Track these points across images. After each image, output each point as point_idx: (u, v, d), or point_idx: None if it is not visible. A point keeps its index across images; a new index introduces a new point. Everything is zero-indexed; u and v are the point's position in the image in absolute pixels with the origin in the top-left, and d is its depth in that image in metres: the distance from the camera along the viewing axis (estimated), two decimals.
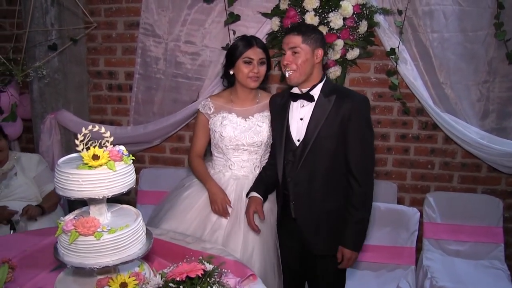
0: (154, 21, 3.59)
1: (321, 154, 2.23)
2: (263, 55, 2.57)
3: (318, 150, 2.23)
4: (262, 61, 2.57)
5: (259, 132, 2.58)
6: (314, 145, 2.22)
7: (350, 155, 2.20)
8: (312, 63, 2.23)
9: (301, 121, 2.28)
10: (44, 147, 3.72)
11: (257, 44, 2.57)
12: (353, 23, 3.17)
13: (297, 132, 2.30)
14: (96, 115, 3.95)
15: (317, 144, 2.22)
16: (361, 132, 2.19)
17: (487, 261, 3.24)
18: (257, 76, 2.55)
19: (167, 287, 1.47)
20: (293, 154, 2.30)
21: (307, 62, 2.21)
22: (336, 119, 2.18)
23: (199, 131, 2.70)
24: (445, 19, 3.19)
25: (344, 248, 2.27)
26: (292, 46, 2.22)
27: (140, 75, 3.70)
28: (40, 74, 3.36)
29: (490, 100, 3.30)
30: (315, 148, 2.23)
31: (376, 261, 3.17)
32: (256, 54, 2.55)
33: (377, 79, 3.45)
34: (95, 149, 1.59)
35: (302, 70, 2.22)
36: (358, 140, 2.19)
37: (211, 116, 2.64)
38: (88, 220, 1.58)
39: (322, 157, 2.23)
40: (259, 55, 2.55)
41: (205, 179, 2.61)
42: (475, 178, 3.50)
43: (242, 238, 2.47)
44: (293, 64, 2.21)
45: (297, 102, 2.31)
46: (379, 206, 3.21)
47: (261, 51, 2.57)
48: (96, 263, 1.58)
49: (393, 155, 3.56)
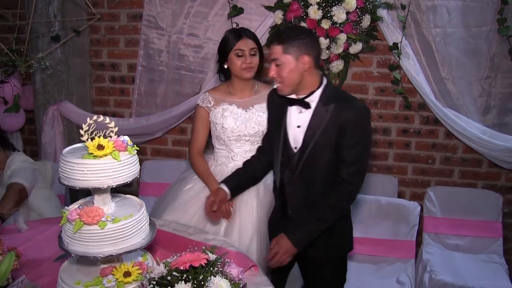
0: (157, 13, 3.59)
1: (318, 163, 2.12)
2: (254, 45, 2.57)
3: (315, 159, 2.13)
4: (254, 51, 2.56)
5: (260, 122, 2.58)
6: (311, 154, 2.12)
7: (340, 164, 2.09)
8: (299, 71, 2.04)
9: (298, 128, 2.16)
10: (47, 138, 3.73)
11: (246, 35, 2.56)
12: (356, 17, 3.17)
13: (294, 140, 2.19)
14: (99, 106, 3.96)
15: (314, 153, 2.12)
16: (353, 142, 2.04)
17: (486, 255, 3.26)
18: (251, 67, 2.55)
19: (171, 275, 1.49)
20: (290, 161, 2.21)
21: (292, 72, 2.04)
22: (334, 128, 2.05)
23: (199, 125, 2.69)
24: (448, 14, 3.19)
25: (287, 239, 2.13)
26: (273, 58, 2.06)
27: (143, 67, 3.71)
28: (43, 65, 3.37)
29: (492, 96, 3.31)
30: (312, 157, 2.13)
31: (376, 254, 3.19)
32: (247, 45, 2.54)
33: (379, 74, 3.46)
34: (100, 139, 1.61)
35: (288, 82, 2.06)
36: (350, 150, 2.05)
37: (211, 109, 2.64)
38: (92, 210, 1.59)
39: (319, 166, 2.13)
40: (250, 45, 2.55)
41: (208, 179, 2.58)
42: (475, 173, 3.51)
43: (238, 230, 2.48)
44: (278, 77, 2.07)
45: (294, 107, 2.16)
46: (379, 200, 3.22)
47: (251, 41, 2.56)
48: (100, 252, 1.59)
49: (394, 150, 3.57)
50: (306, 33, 2.09)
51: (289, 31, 2.18)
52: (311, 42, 2.06)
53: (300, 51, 2.02)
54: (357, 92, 3.49)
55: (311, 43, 2.06)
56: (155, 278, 1.51)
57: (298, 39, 2.02)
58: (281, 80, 2.06)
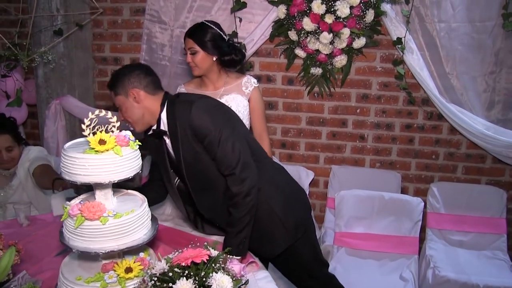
0: (160, 7, 3.57)
1: (199, 175, 2.14)
2: (193, 44, 2.59)
3: (195, 174, 2.15)
4: (192, 51, 2.59)
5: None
6: (189, 174, 2.15)
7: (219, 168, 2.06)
8: (135, 106, 2.08)
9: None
10: (49, 132, 3.72)
11: (188, 35, 2.62)
12: (360, 12, 3.15)
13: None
14: (101, 101, 3.95)
15: (190, 171, 2.14)
16: (209, 140, 2.01)
17: (490, 252, 3.25)
18: (191, 66, 2.62)
19: (173, 272, 1.48)
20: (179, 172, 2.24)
21: (129, 109, 2.09)
22: (188, 139, 2.05)
23: None
24: (453, 9, 3.16)
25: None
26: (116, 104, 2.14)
27: (146, 62, 3.69)
28: (45, 60, 3.36)
29: (496, 91, 3.29)
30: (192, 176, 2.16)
31: (380, 250, 3.17)
32: (187, 44, 2.61)
33: (383, 69, 3.44)
34: (102, 134, 1.59)
35: (131, 120, 2.12)
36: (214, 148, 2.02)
37: None
38: (94, 205, 1.58)
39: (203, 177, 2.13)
40: (188, 45, 2.60)
41: None
42: (479, 169, 3.49)
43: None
44: (123, 119, 2.13)
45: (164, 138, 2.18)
46: (383, 196, 3.21)
47: (190, 40, 2.60)
48: (101, 247, 1.58)
49: (398, 145, 3.55)
50: (128, 70, 2.11)
51: (112, 78, 2.13)
52: (134, 77, 2.07)
53: (127, 89, 2.06)
54: (361, 87, 3.48)
55: (133, 77, 2.07)
56: (156, 274, 1.50)
57: (120, 79, 2.07)
58: (129, 121, 2.11)
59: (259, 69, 3.58)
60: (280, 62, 3.52)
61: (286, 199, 2.20)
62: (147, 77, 2.11)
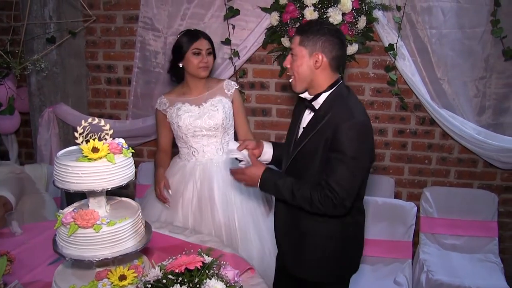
0: (153, 14, 3.58)
1: (301, 168, 2.03)
2: (209, 45, 2.71)
3: (299, 164, 2.03)
4: (209, 51, 2.71)
5: (214, 116, 2.69)
6: (296, 159, 2.04)
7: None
8: (310, 68, 1.96)
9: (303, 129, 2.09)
10: (42, 140, 3.71)
11: (203, 36, 2.71)
12: (352, 18, 3.17)
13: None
14: (95, 108, 3.94)
15: (298, 158, 2.03)
16: (332, 156, 1.89)
17: (482, 255, 3.28)
18: (207, 66, 2.69)
19: (166, 279, 1.48)
20: (288, 152, 2.13)
21: (303, 66, 1.96)
22: (321, 138, 1.92)
23: (160, 128, 2.85)
24: (443, 16, 3.19)
25: (260, 171, 2.03)
26: (291, 48, 2.01)
27: (139, 69, 3.70)
28: (38, 67, 3.36)
29: (487, 96, 3.32)
30: (295, 161, 2.05)
31: (373, 255, 3.19)
32: (204, 45, 2.68)
33: (375, 75, 3.46)
34: (95, 142, 1.60)
35: (298, 76, 1.99)
36: (329, 164, 1.90)
37: (167, 111, 2.77)
38: (87, 213, 1.59)
39: (303, 172, 2.02)
40: (206, 46, 2.69)
41: (156, 168, 2.78)
42: (471, 173, 3.52)
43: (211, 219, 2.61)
44: (290, 68, 2.01)
45: (307, 110, 2.07)
46: (376, 201, 3.22)
47: (207, 42, 2.71)
48: (95, 255, 1.58)
49: (391, 150, 3.57)
50: (328, 32, 1.95)
51: (312, 25, 2.00)
52: (330, 42, 1.94)
53: (315, 48, 1.94)
54: None
55: (329, 43, 1.94)
56: (150, 281, 1.50)
57: (316, 35, 1.93)
58: (292, 72, 2.00)
59: (252, 76, 3.60)
60: (274, 69, 3.54)
61: (356, 247, 2.19)
62: (339, 51, 1.98)
